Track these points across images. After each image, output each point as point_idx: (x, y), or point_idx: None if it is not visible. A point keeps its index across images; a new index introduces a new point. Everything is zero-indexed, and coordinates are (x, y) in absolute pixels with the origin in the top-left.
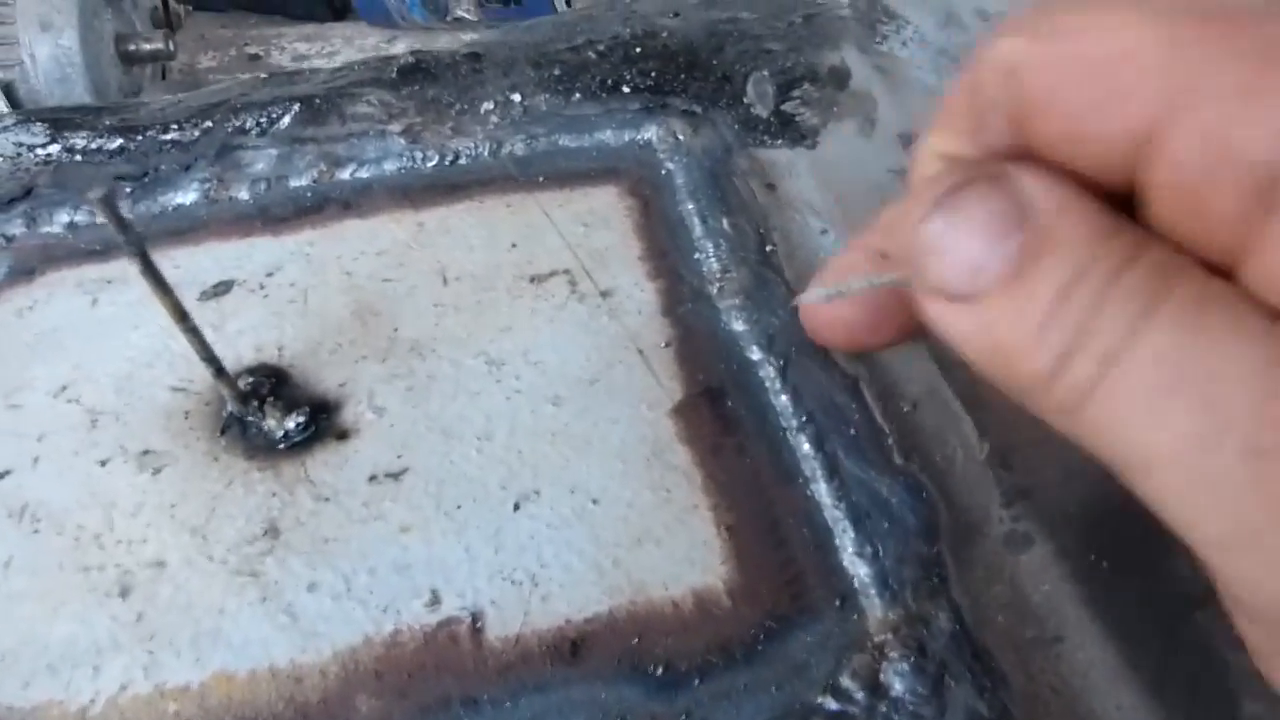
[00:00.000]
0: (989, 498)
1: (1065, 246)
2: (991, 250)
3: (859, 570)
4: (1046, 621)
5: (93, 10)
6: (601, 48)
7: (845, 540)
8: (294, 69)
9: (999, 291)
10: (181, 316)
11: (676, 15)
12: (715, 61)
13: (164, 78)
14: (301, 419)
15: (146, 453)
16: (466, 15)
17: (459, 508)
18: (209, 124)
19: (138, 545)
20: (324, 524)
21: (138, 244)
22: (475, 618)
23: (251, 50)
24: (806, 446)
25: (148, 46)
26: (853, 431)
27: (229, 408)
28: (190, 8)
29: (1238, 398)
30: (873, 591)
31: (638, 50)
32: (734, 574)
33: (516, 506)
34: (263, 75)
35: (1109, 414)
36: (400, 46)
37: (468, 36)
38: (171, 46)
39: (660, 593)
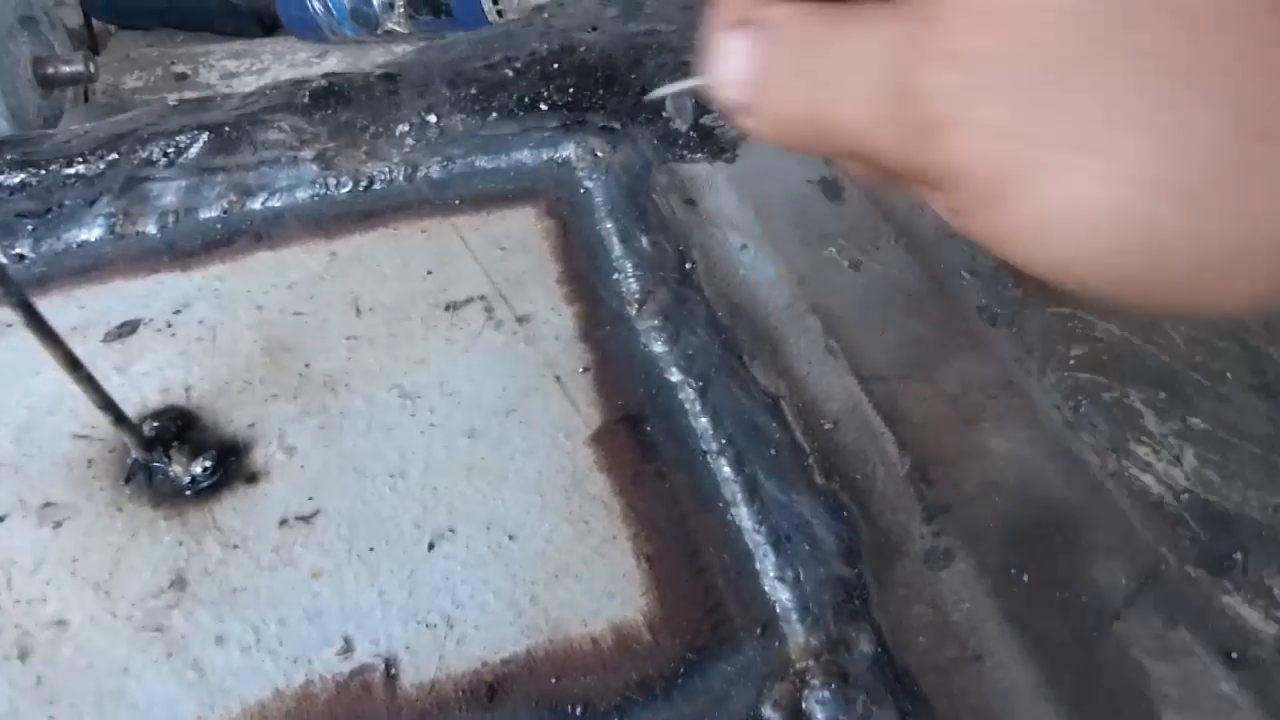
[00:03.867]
0: (910, 514)
1: (774, 35)
2: (740, 65)
3: (780, 595)
4: (967, 640)
5: (7, 33)
6: (519, 65)
7: (766, 565)
8: (223, 88)
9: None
10: (74, 366)
11: (595, 29)
12: (634, 75)
13: (87, 100)
14: (209, 463)
15: (47, 505)
16: (397, 28)
17: (372, 550)
18: (115, 155)
19: (37, 604)
20: (233, 573)
21: (17, 295)
22: (389, 664)
23: (179, 69)
24: (727, 470)
25: (67, 69)
26: (773, 452)
27: (134, 454)
28: (114, 27)
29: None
30: (794, 617)
31: (555, 66)
32: (654, 605)
33: (431, 546)
34: (172, 102)
35: (828, 103)
36: (332, 60)
37: (399, 49)
38: (92, 68)
39: (579, 629)
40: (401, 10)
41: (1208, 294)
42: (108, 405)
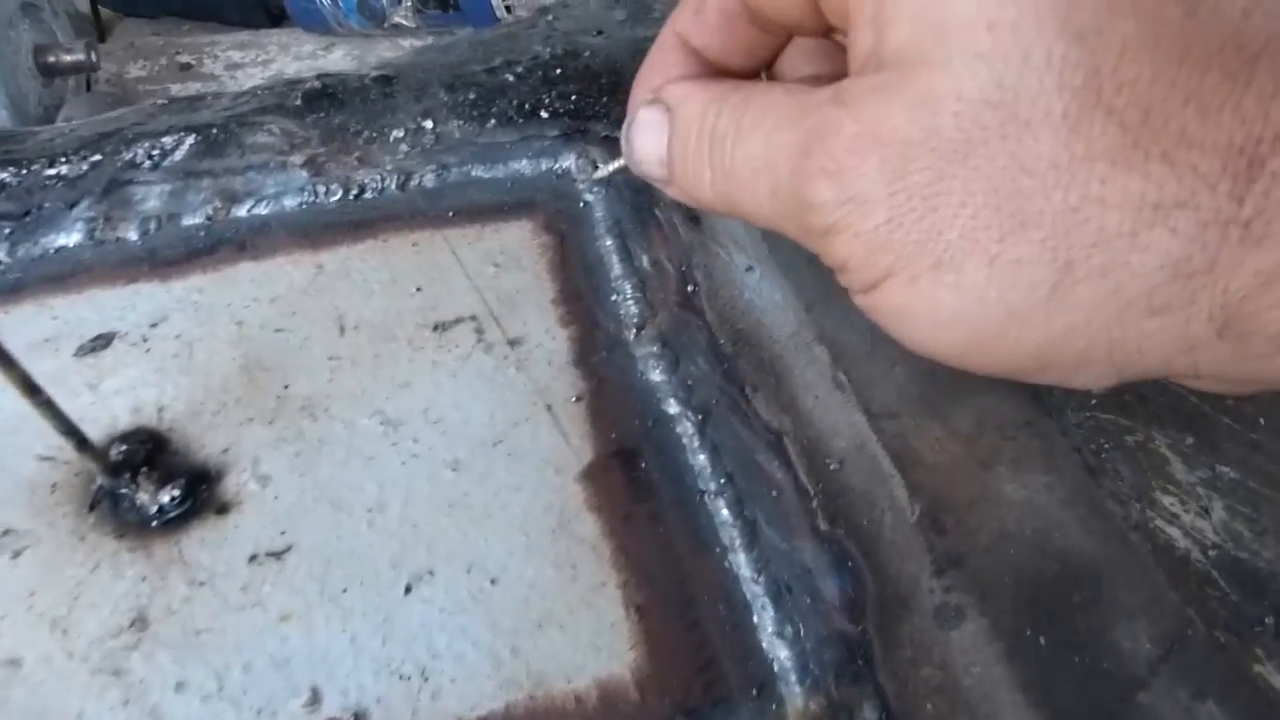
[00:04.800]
0: (919, 565)
1: (684, 123)
2: (656, 144)
3: (778, 653)
4: (979, 708)
5: (8, 20)
6: (520, 69)
7: (764, 618)
8: (228, 79)
9: (665, 164)
10: (32, 391)
11: (600, 33)
12: None
13: (89, 89)
14: (177, 492)
15: (6, 533)
16: (404, 22)
17: (345, 591)
18: (98, 156)
19: None
20: (197, 612)
21: None
22: (358, 719)
23: (183, 59)
24: (725, 512)
25: (69, 58)
26: (775, 494)
27: (99, 480)
28: (120, 14)
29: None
30: (792, 677)
31: (558, 71)
32: (643, 661)
33: (408, 589)
34: (162, 101)
35: (735, 193)
36: (338, 54)
37: (407, 43)
38: (94, 57)
39: (562, 685)
40: (409, 4)
41: (1055, 378)
42: (70, 431)
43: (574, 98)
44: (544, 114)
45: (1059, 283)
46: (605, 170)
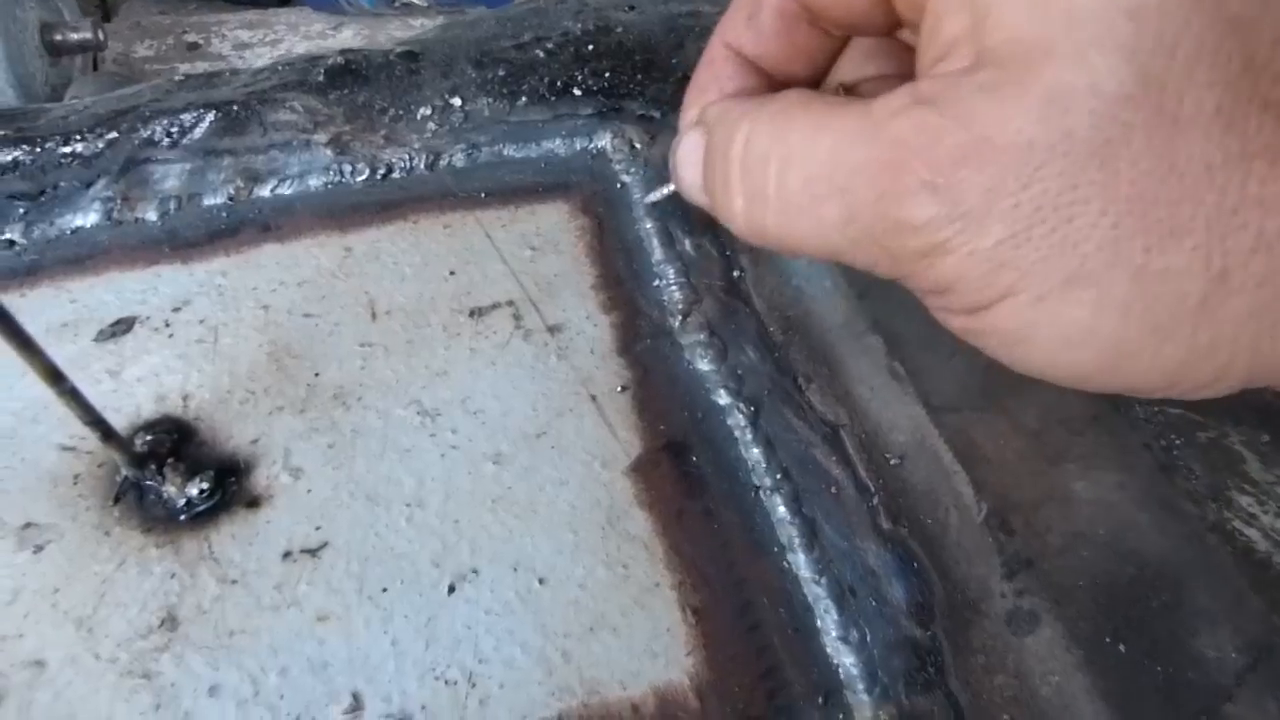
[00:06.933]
0: (989, 568)
1: (715, 147)
2: (694, 168)
3: (843, 659)
4: None
5: None
6: (550, 45)
7: (828, 622)
8: (235, 58)
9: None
10: (56, 379)
11: (633, 8)
12: (675, 60)
13: (96, 68)
14: (206, 485)
15: (28, 526)
16: (416, 1)
17: (385, 591)
18: (115, 134)
19: (13, 641)
20: (230, 612)
21: None
22: None
23: (190, 38)
24: (782, 510)
25: (75, 36)
26: (834, 490)
27: (124, 471)
28: None
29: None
30: (860, 685)
31: (590, 48)
32: (702, 667)
33: (451, 589)
34: (179, 76)
35: (792, 224)
36: (347, 33)
37: (418, 22)
38: (101, 36)
39: (617, 692)
40: None
41: (1178, 393)
42: (95, 421)
43: (608, 75)
44: (577, 91)
45: (1211, 294)
46: (658, 195)
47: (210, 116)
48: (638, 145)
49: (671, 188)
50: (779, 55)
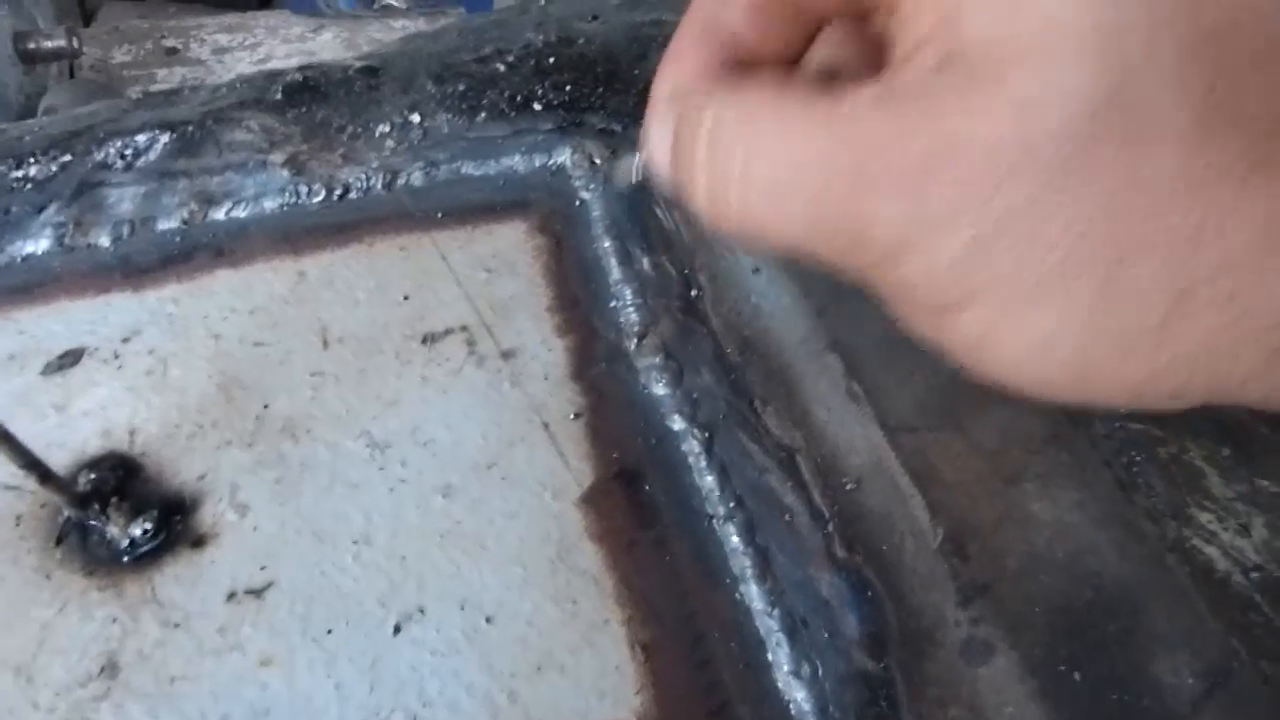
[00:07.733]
0: (944, 594)
1: (682, 129)
2: (664, 144)
3: (795, 694)
4: None
5: None
6: (511, 58)
7: (780, 656)
8: (215, 63)
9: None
10: None
11: (596, 19)
12: (638, 71)
13: (72, 76)
14: (149, 525)
15: None
16: (394, 3)
17: (330, 632)
18: (68, 157)
19: None
20: (172, 657)
21: None
22: None
23: (169, 43)
24: (735, 539)
25: (49, 44)
26: (788, 518)
27: (66, 512)
28: None
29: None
30: None
31: (551, 60)
32: (650, 706)
33: (397, 629)
34: (134, 96)
35: (757, 212)
36: (327, 35)
37: (398, 24)
38: (76, 43)
39: None
40: None
41: (1134, 405)
42: (31, 464)
43: (568, 88)
44: (537, 106)
45: (1174, 311)
46: (632, 166)
47: (165, 138)
48: (597, 160)
49: (639, 159)
50: (754, 34)
